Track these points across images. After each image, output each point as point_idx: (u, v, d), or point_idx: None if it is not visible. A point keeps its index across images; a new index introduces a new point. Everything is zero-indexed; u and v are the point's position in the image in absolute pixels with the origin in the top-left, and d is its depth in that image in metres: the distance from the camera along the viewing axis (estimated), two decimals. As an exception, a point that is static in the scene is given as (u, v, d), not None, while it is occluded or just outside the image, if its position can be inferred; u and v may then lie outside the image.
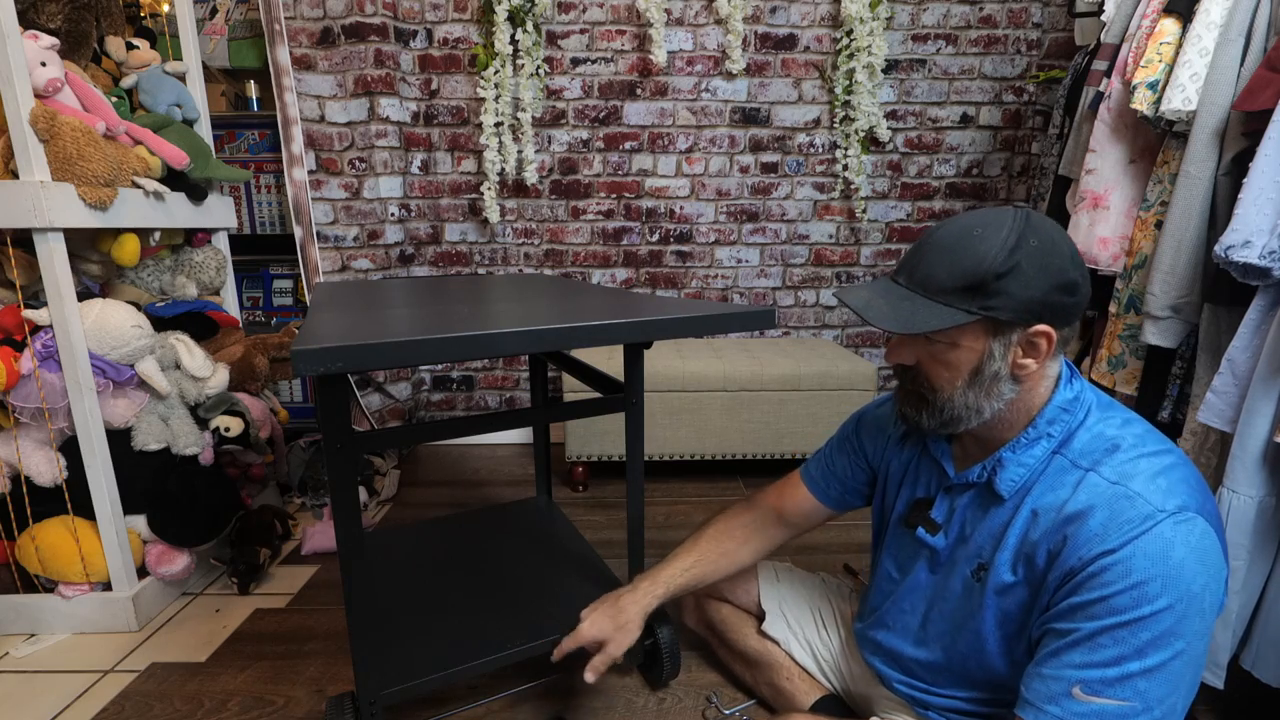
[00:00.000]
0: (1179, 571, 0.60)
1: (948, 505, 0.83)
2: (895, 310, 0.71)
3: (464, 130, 2.33)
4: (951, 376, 0.73)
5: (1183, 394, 1.25)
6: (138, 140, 1.44)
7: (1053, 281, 0.67)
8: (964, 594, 0.79)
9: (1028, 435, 0.74)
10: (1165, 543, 0.61)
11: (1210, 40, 1.16)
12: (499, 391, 2.58)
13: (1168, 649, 0.61)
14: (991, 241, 0.67)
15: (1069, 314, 0.70)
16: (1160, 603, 0.60)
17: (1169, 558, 0.61)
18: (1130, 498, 0.64)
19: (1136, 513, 0.63)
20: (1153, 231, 1.28)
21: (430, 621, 1.13)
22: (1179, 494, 0.64)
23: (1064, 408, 0.73)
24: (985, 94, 2.37)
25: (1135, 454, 0.68)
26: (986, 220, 0.69)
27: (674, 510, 1.97)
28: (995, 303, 0.67)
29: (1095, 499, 0.66)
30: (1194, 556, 0.61)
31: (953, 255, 0.69)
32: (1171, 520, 0.62)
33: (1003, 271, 0.66)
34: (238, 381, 1.67)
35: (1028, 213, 0.69)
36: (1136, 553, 0.61)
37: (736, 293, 2.52)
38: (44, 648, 1.33)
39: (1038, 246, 0.67)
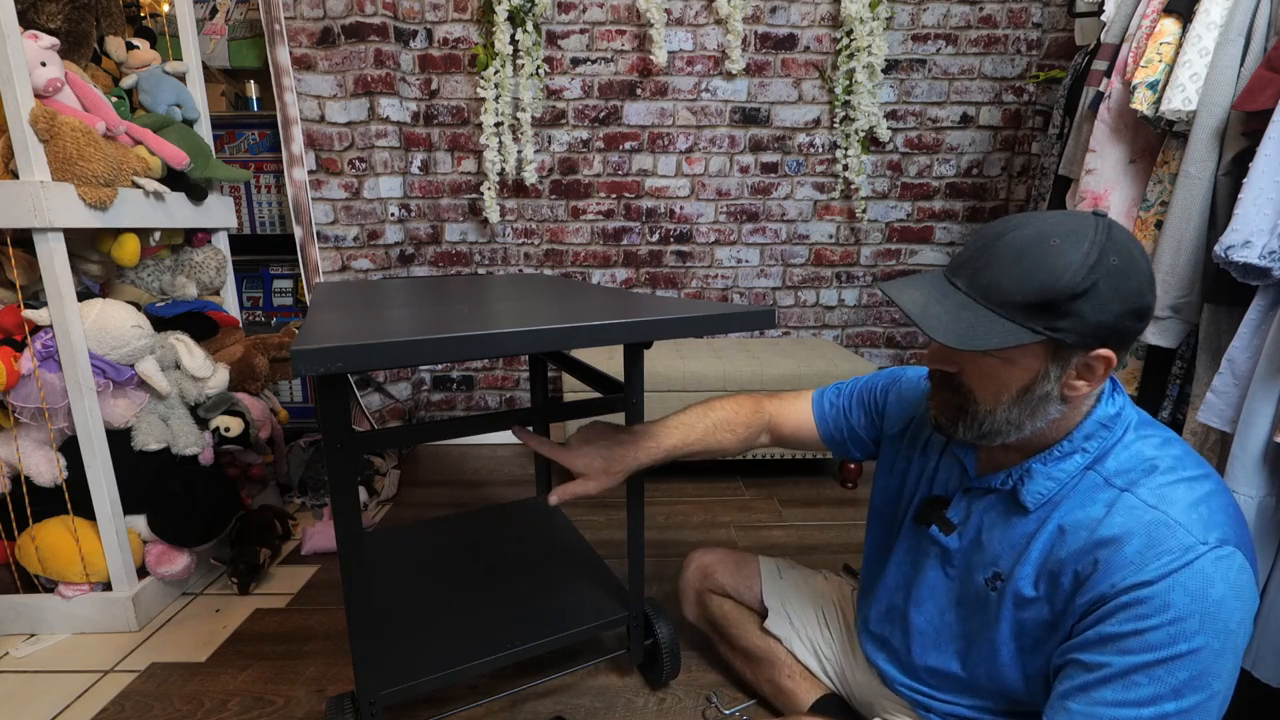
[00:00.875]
0: (1218, 609, 0.58)
1: (965, 507, 0.80)
2: (954, 321, 0.65)
3: (464, 130, 2.33)
4: (997, 392, 0.68)
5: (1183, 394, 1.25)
6: (138, 140, 1.44)
7: (1127, 306, 0.62)
8: (976, 602, 0.77)
9: (1062, 448, 0.70)
10: (1206, 579, 0.58)
11: (1210, 40, 1.16)
12: (499, 391, 2.58)
13: (1204, 690, 0.58)
14: (1071, 256, 0.61)
15: (1133, 338, 0.66)
16: (1197, 640, 0.57)
17: (1209, 595, 0.58)
18: (1170, 526, 0.61)
19: (1177, 543, 0.60)
20: (1153, 231, 1.28)
21: (430, 621, 1.13)
22: (1219, 525, 0.61)
23: (1104, 423, 0.70)
24: (985, 94, 2.37)
25: (1174, 477, 0.65)
26: (1066, 229, 0.63)
27: (674, 510, 1.97)
28: (1064, 324, 0.62)
29: (1132, 524, 0.63)
30: (1232, 594, 0.59)
31: (1025, 266, 0.63)
32: (1214, 555, 0.59)
33: (1079, 292, 0.61)
34: (238, 381, 1.67)
35: (1109, 224, 0.64)
36: (1176, 586, 0.58)
37: (736, 293, 2.52)
38: (44, 648, 1.33)
39: (1118, 266, 0.61)
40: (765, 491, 2.11)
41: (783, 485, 2.15)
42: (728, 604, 1.18)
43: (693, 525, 1.88)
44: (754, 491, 2.11)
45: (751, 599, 1.15)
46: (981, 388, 0.70)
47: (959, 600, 0.81)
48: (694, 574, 1.23)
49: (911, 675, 0.89)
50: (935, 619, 0.84)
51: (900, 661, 0.90)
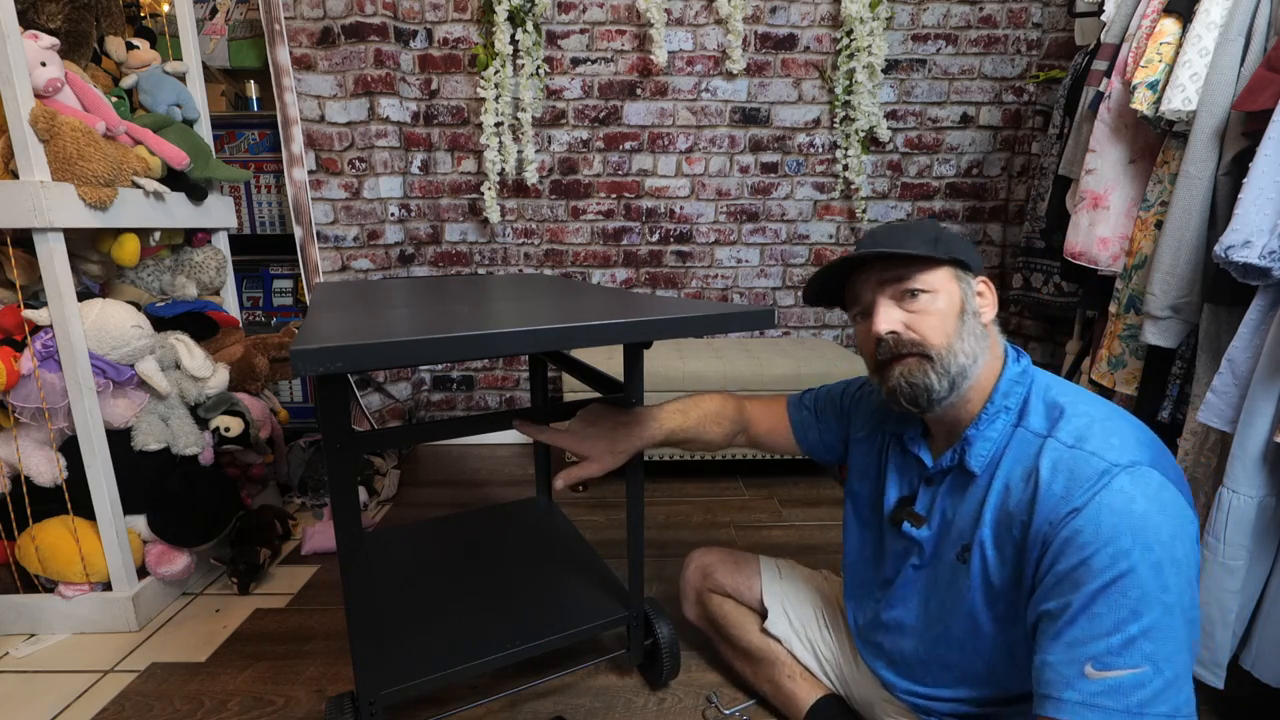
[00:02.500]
0: (1144, 523, 0.62)
1: (929, 496, 0.85)
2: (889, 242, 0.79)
3: (464, 130, 2.33)
4: (944, 324, 0.77)
5: (1183, 394, 1.25)
6: (138, 140, 1.44)
7: (968, 249, 0.80)
8: (951, 578, 0.80)
9: (988, 411, 0.78)
10: (1126, 496, 0.63)
11: (1210, 40, 1.15)
12: (499, 391, 2.58)
13: (1158, 603, 0.60)
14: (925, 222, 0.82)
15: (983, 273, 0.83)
16: (1135, 555, 0.61)
17: (1133, 510, 0.62)
18: (1086, 457, 0.67)
19: (1093, 469, 0.66)
20: (1153, 231, 1.28)
21: (430, 621, 1.13)
22: (1130, 450, 0.67)
23: (1015, 380, 0.78)
24: (985, 94, 2.37)
25: (1086, 419, 0.72)
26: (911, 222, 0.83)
27: (674, 510, 1.97)
28: (949, 248, 0.78)
29: (1055, 462, 0.69)
30: (1155, 507, 0.63)
31: (901, 229, 0.80)
32: (1126, 473, 0.64)
33: (940, 234, 0.79)
34: (238, 381, 1.67)
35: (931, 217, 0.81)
36: (1101, 508, 0.63)
37: (736, 293, 2.52)
38: (44, 648, 1.33)
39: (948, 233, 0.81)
40: (765, 491, 2.11)
41: (783, 485, 2.15)
42: (728, 604, 1.18)
43: (693, 525, 1.88)
44: (754, 491, 2.11)
45: (751, 599, 1.15)
46: (929, 327, 0.77)
47: (938, 586, 0.83)
48: (694, 574, 1.23)
49: (910, 678, 0.89)
50: (922, 612, 0.86)
51: (898, 666, 0.91)
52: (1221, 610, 0.99)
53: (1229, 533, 0.98)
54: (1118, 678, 0.60)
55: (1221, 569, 0.99)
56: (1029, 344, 2.39)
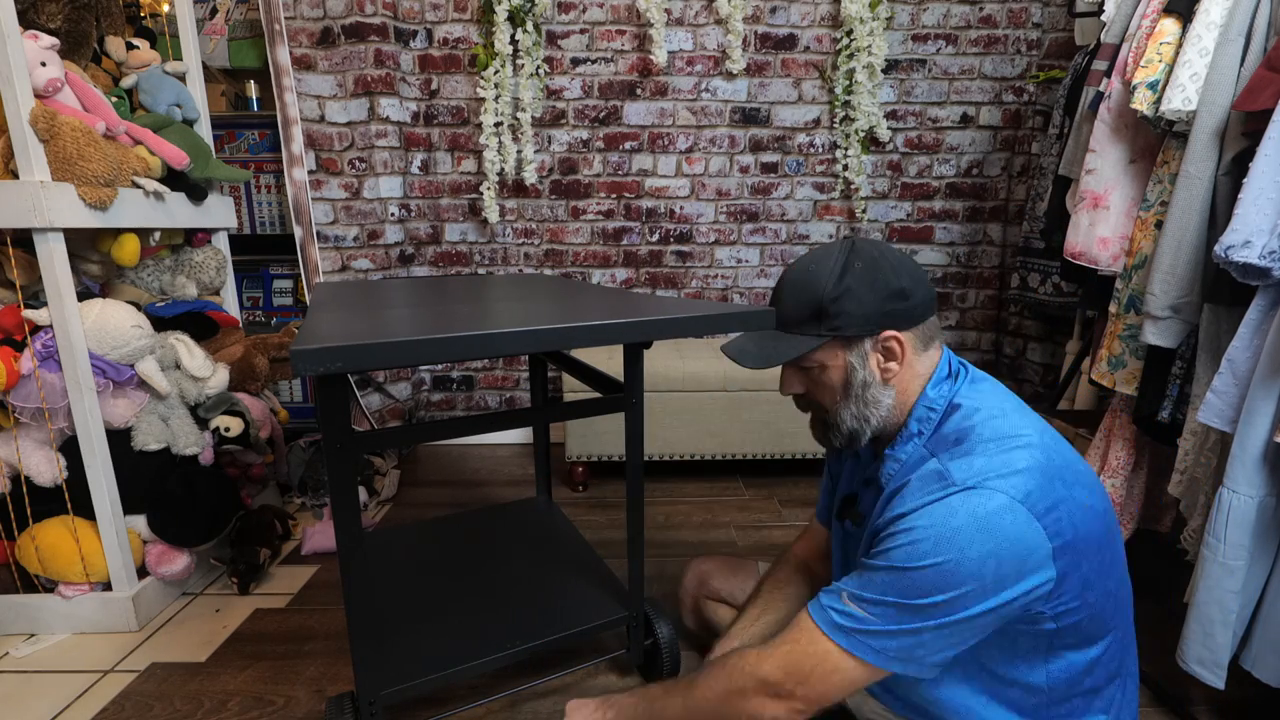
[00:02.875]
0: (953, 536, 0.65)
1: (870, 498, 0.87)
2: (761, 349, 0.82)
3: (464, 130, 2.33)
4: (832, 395, 0.82)
5: (1183, 394, 1.25)
6: (138, 140, 1.44)
7: (883, 294, 0.77)
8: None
9: (902, 435, 0.81)
10: (948, 510, 0.67)
11: (1210, 40, 1.15)
12: (499, 391, 2.58)
13: (925, 599, 0.66)
14: (822, 273, 0.79)
15: (911, 316, 0.79)
16: (928, 560, 0.66)
17: (948, 523, 0.66)
18: (939, 474, 0.71)
19: (938, 485, 0.70)
20: (1153, 231, 1.28)
21: (430, 621, 1.14)
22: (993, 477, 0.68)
23: (930, 406, 0.79)
24: (985, 94, 2.37)
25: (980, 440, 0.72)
26: (818, 255, 0.81)
27: (674, 510, 1.97)
28: (837, 322, 0.77)
29: (917, 476, 0.73)
30: (974, 525, 0.65)
31: (796, 291, 0.81)
32: (962, 494, 0.67)
33: (836, 295, 0.77)
34: (238, 381, 1.67)
35: (853, 240, 0.81)
36: (922, 515, 0.68)
37: (736, 293, 2.52)
38: (44, 648, 1.33)
39: (862, 268, 0.77)
40: (765, 491, 2.11)
41: (783, 485, 2.15)
42: (723, 609, 1.18)
43: (693, 525, 1.88)
44: (754, 491, 2.11)
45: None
46: (821, 396, 0.84)
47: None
48: (691, 581, 1.23)
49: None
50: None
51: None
52: (1221, 610, 0.99)
53: (1229, 533, 0.98)
54: (855, 610, 0.71)
55: (1221, 569, 0.99)
56: (1029, 344, 2.39)
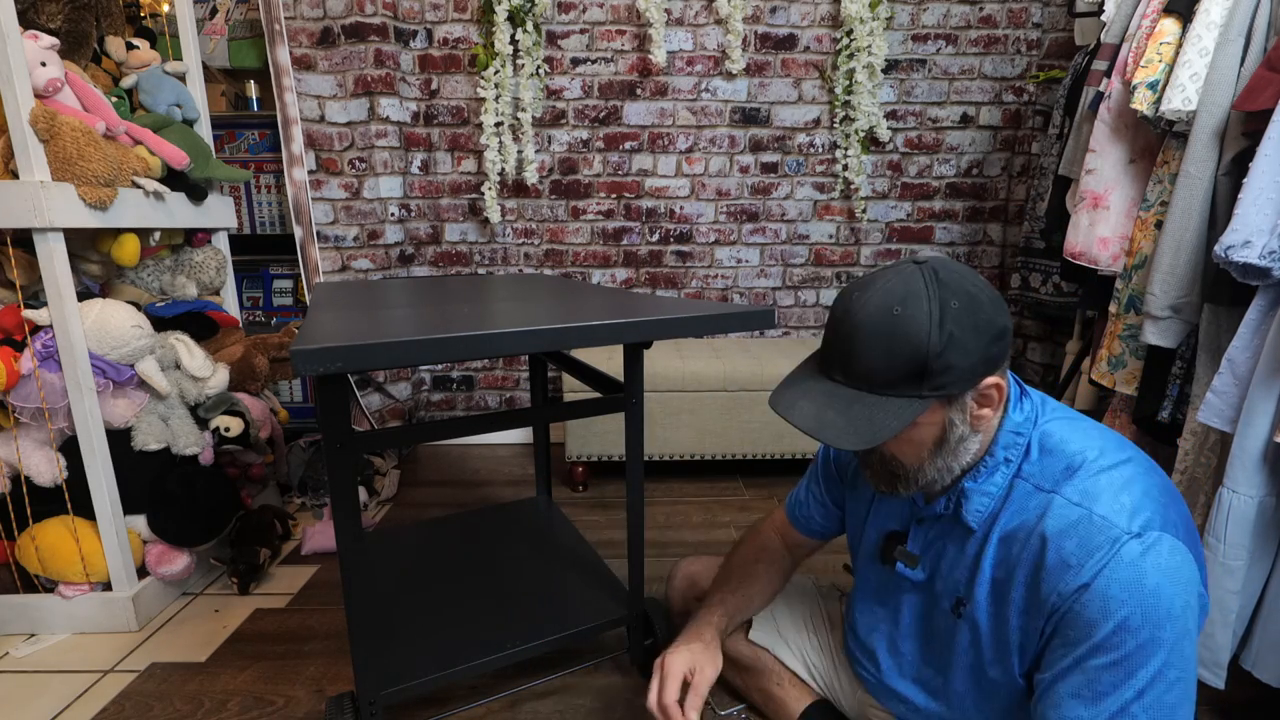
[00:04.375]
0: (1156, 599, 0.60)
1: (923, 536, 0.81)
2: (851, 421, 0.67)
3: (464, 130, 2.33)
4: (917, 452, 0.71)
5: (1183, 394, 1.25)
6: (138, 140, 1.44)
7: (987, 338, 0.66)
8: (948, 630, 0.78)
9: (986, 464, 0.73)
10: (1138, 571, 0.60)
11: (1210, 40, 1.16)
12: (499, 391, 2.58)
13: (1163, 681, 0.60)
14: (918, 319, 0.64)
15: (1007, 356, 0.70)
16: (1144, 633, 0.60)
17: (1144, 586, 0.60)
18: (1094, 521, 0.63)
19: (1104, 538, 0.62)
20: (1153, 231, 1.28)
21: (430, 621, 1.14)
22: (1142, 511, 0.63)
23: (1016, 432, 0.72)
24: (985, 94, 2.37)
25: (1094, 470, 0.67)
26: (899, 292, 0.66)
27: (674, 510, 1.97)
28: (943, 380, 0.65)
29: (1061, 525, 0.65)
30: (1167, 579, 0.60)
31: (886, 343, 0.65)
32: (1139, 544, 0.61)
33: (941, 350, 0.64)
34: (238, 381, 1.67)
35: (934, 267, 0.67)
36: (1112, 583, 0.61)
37: (736, 293, 2.52)
38: (44, 648, 1.33)
39: (960, 308, 0.65)
40: (765, 491, 2.11)
41: (783, 485, 2.15)
42: None
43: (693, 525, 1.88)
44: (754, 491, 2.11)
45: None
46: (902, 454, 0.72)
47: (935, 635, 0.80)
48: (680, 583, 1.22)
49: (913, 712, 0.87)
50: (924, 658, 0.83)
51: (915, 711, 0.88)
52: (1221, 610, 0.99)
53: (1229, 533, 0.98)
54: None
55: (1221, 569, 0.99)
56: (1029, 344, 2.39)
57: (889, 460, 0.73)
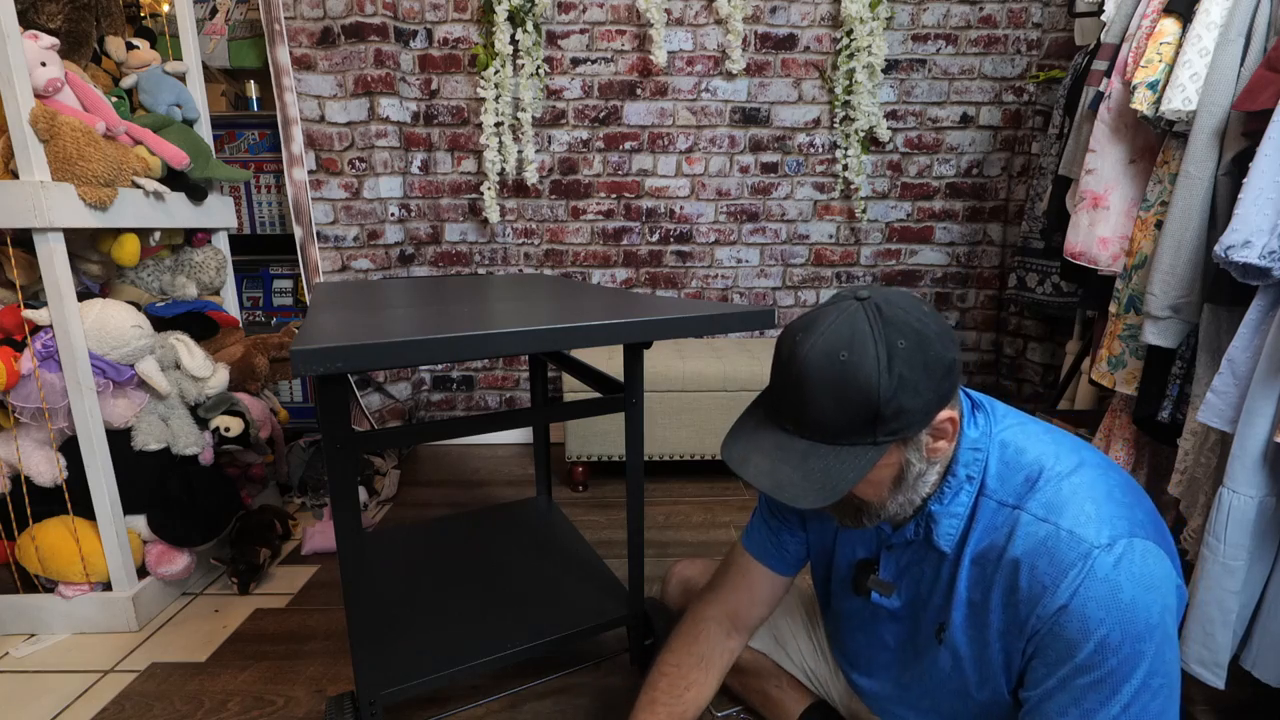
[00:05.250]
0: (1133, 612, 0.59)
1: (895, 563, 0.80)
2: (808, 476, 0.64)
3: (464, 130, 2.33)
4: (878, 491, 0.70)
5: (1183, 394, 1.25)
6: (138, 140, 1.44)
7: (938, 376, 0.64)
8: (932, 654, 0.77)
9: (950, 485, 0.71)
10: (1111, 585, 0.60)
11: (1210, 40, 1.15)
12: (499, 391, 2.58)
13: (1147, 691, 0.60)
14: (866, 364, 0.62)
15: (957, 388, 0.68)
16: (1125, 649, 0.60)
17: (1119, 601, 0.59)
18: (1061, 537, 0.63)
19: (1075, 554, 0.62)
20: (1153, 231, 1.28)
21: (430, 621, 1.14)
22: (1109, 519, 0.63)
23: (974, 448, 0.71)
24: (985, 94, 2.37)
25: (1054, 478, 0.66)
26: (844, 335, 0.63)
27: (674, 510, 1.97)
28: (896, 425, 0.63)
29: (1031, 545, 0.64)
30: (1142, 589, 0.60)
31: (836, 391, 0.63)
32: (1109, 555, 0.61)
33: (892, 394, 0.62)
34: (238, 381, 1.67)
35: (876, 304, 0.64)
36: (1088, 602, 0.60)
37: (736, 293, 2.52)
38: (44, 648, 1.33)
39: (908, 347, 0.62)
40: (765, 491, 2.11)
41: (783, 485, 2.15)
42: None
43: (693, 525, 1.88)
44: (754, 492, 2.11)
45: None
46: (863, 494, 0.70)
47: (918, 658, 0.80)
48: (675, 588, 1.21)
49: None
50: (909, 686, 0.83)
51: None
52: (1221, 610, 0.99)
53: (1229, 533, 0.98)
54: None
55: (1221, 569, 0.99)
56: (1029, 344, 2.39)
57: (850, 499, 0.71)
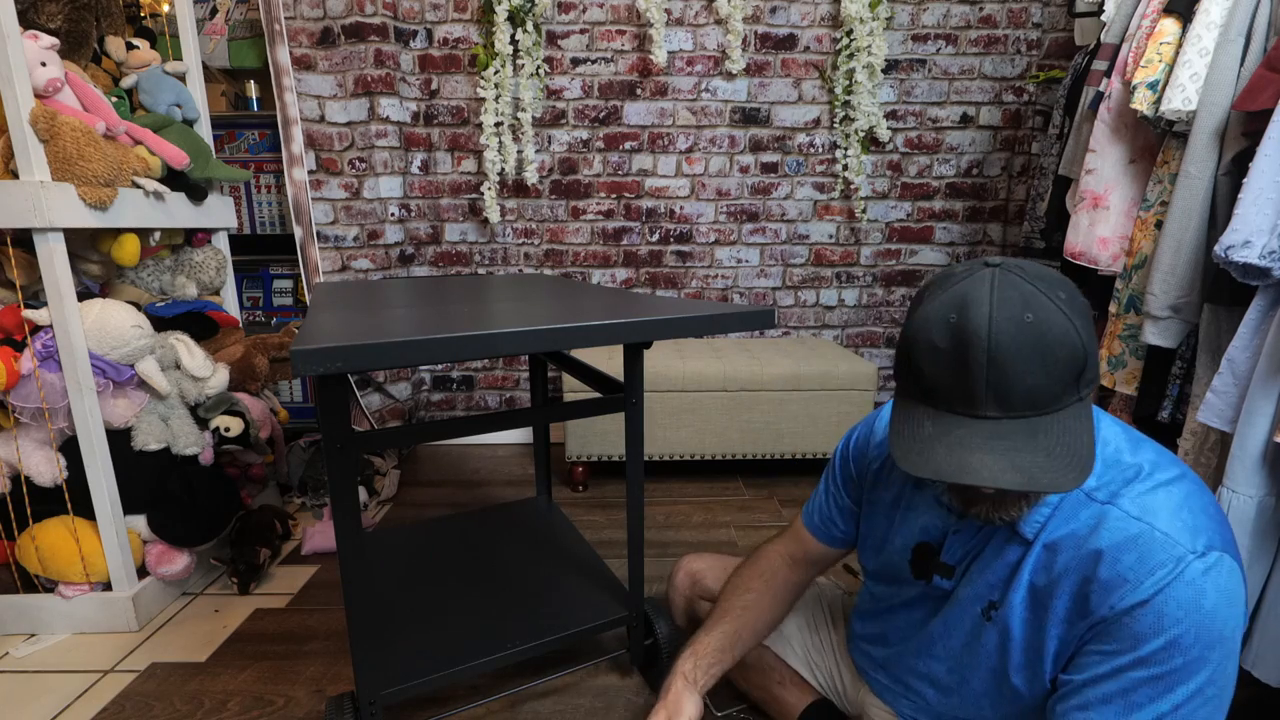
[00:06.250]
0: (1211, 621, 0.59)
1: (960, 546, 0.78)
2: (1051, 455, 0.58)
3: (464, 130, 2.33)
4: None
5: (1183, 394, 1.25)
6: (138, 140, 1.44)
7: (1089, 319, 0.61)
8: (973, 631, 0.76)
9: None
10: (1197, 590, 0.59)
11: (1210, 40, 1.16)
12: (499, 391, 2.58)
13: (1200, 697, 0.60)
14: (1054, 319, 0.58)
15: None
16: (1194, 653, 0.59)
17: (1201, 607, 0.59)
18: (1156, 538, 0.61)
19: (1167, 555, 0.60)
20: (1153, 231, 1.28)
21: (430, 621, 1.14)
22: (1204, 530, 0.62)
23: None
24: (985, 94, 2.37)
25: (1152, 484, 0.65)
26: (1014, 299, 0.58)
27: (674, 510, 1.97)
28: (1091, 373, 0.60)
29: (1120, 539, 0.63)
30: (1224, 601, 0.59)
31: (1041, 354, 0.57)
32: (1202, 564, 0.60)
33: (1089, 339, 0.59)
34: (238, 381, 1.67)
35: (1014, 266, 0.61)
36: (1169, 601, 0.59)
37: (736, 293, 2.52)
38: (44, 648, 1.33)
39: (1067, 296, 0.59)
40: (765, 491, 2.11)
41: (782, 485, 2.15)
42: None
43: (693, 525, 1.88)
44: (754, 491, 2.11)
45: None
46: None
47: (956, 634, 0.80)
48: (683, 580, 1.21)
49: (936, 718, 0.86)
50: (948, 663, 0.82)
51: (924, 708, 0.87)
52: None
53: (1229, 533, 0.98)
54: None
55: (1221, 569, 0.99)
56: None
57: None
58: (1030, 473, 0.57)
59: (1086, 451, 0.58)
